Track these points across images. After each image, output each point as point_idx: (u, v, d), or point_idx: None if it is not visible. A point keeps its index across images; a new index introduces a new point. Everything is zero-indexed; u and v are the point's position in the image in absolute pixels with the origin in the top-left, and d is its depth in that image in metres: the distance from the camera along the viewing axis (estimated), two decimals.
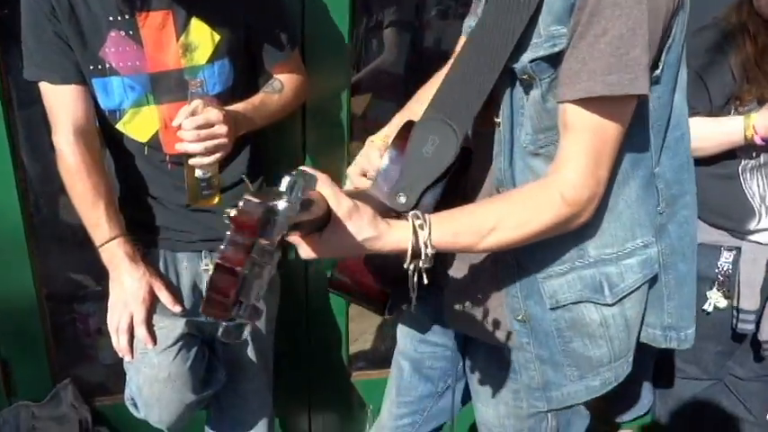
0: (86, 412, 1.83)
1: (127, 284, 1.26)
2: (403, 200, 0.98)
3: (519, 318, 1.05)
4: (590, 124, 0.86)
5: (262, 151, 1.51)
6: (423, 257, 0.85)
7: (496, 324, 1.08)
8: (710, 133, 1.57)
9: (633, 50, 0.82)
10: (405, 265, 0.86)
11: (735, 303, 1.66)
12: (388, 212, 0.96)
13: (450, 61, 1.14)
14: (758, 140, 1.49)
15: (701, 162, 1.61)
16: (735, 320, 1.68)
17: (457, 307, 1.11)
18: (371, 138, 1.20)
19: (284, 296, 1.66)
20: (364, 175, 1.13)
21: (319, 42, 1.65)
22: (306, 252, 0.84)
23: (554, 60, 0.88)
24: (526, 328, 1.06)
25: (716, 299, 1.67)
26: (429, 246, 0.85)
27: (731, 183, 1.60)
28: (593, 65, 0.83)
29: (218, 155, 1.22)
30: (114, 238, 1.26)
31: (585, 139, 0.87)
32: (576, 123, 0.87)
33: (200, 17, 1.28)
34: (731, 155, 1.57)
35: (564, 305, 1.02)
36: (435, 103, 1.00)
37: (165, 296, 1.29)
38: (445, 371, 1.30)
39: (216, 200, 1.31)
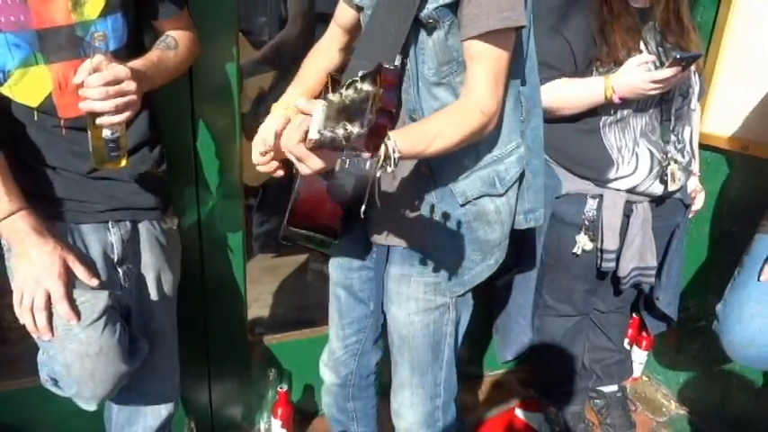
0: None
1: (36, 260, 1.18)
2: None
3: (436, 218, 1.27)
4: (490, 53, 1.13)
5: (156, 114, 1.47)
6: (392, 163, 1.01)
7: (413, 228, 1.30)
8: (576, 94, 1.73)
9: None
10: (376, 170, 1.02)
11: (599, 245, 1.85)
12: None
13: (333, 28, 1.42)
14: (616, 99, 1.68)
15: (566, 119, 1.80)
16: (599, 260, 1.87)
17: (384, 224, 1.33)
18: (274, 106, 1.34)
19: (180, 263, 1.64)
20: (264, 153, 1.27)
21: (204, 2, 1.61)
22: (317, 164, 0.99)
23: (452, 6, 1.13)
24: (440, 227, 1.28)
25: (583, 242, 1.85)
26: (397, 151, 1.01)
27: (593, 137, 1.77)
28: (488, 7, 1.09)
29: (128, 113, 1.17)
30: (16, 212, 1.17)
31: (488, 65, 1.13)
32: (479, 53, 1.13)
33: None
34: (593, 112, 1.74)
35: (470, 200, 1.28)
36: (360, 52, 1.17)
37: (80, 270, 1.23)
38: (372, 290, 1.52)
39: (123, 162, 1.24)
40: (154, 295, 1.50)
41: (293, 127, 0.98)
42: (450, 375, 1.48)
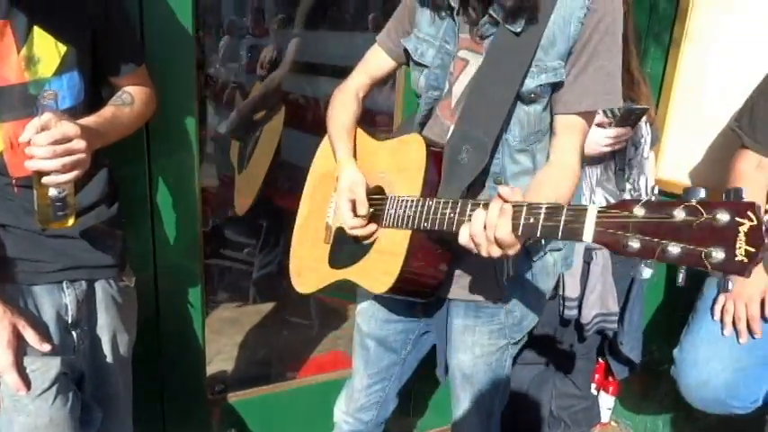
0: None
1: None
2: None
3: (510, 274, 1.31)
4: (584, 127, 1.23)
5: (113, 174, 1.44)
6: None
7: (489, 286, 1.34)
8: None
9: (615, 79, 1.20)
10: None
11: (561, 292, 1.88)
12: None
13: (361, 76, 1.48)
14: None
15: None
16: (562, 308, 1.90)
17: (461, 280, 1.35)
18: (342, 161, 1.40)
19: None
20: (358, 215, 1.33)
21: (162, 56, 1.60)
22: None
23: (555, 85, 1.20)
24: (514, 282, 1.33)
25: None
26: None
27: None
28: (594, 89, 1.19)
29: (76, 172, 1.14)
30: None
31: (580, 138, 1.23)
32: (575, 126, 1.22)
33: (42, 27, 1.19)
34: None
35: (540, 257, 1.36)
36: (463, 120, 1.22)
37: (31, 335, 1.17)
38: (407, 338, 1.55)
39: (71, 222, 1.21)
40: (109, 358, 1.44)
41: (501, 214, 1.00)
42: (505, 395, 1.58)
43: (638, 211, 0.83)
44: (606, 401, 2.46)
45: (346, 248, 1.42)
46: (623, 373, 2.19)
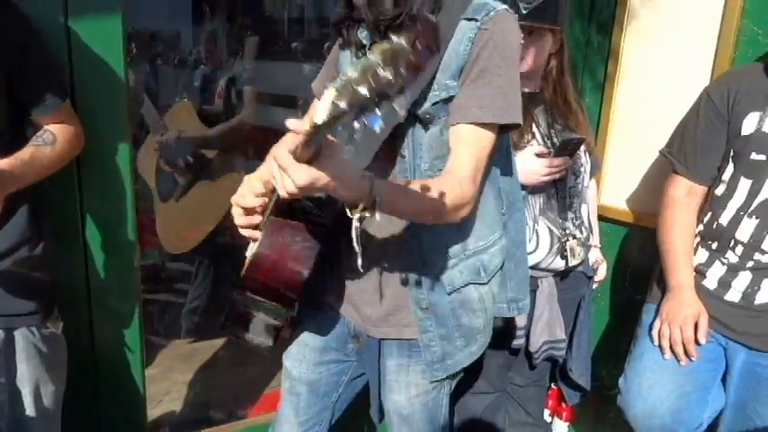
0: None
1: None
2: None
3: (423, 306, 1.31)
4: (476, 140, 1.18)
5: (40, 210, 1.38)
6: (374, 207, 1.02)
7: (406, 318, 1.33)
8: None
9: (509, 97, 1.17)
10: (355, 214, 1.02)
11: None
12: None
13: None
14: None
15: None
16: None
17: (377, 316, 1.34)
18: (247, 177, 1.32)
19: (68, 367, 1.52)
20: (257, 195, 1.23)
21: (92, 91, 1.55)
22: (302, 176, 0.92)
23: (447, 102, 1.20)
24: (429, 314, 1.31)
25: None
26: (380, 195, 1.02)
27: None
28: (482, 102, 1.16)
29: None
30: None
31: (472, 151, 1.17)
32: (465, 139, 1.18)
33: None
34: None
35: (457, 289, 1.31)
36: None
37: None
38: (339, 381, 1.51)
39: None
40: (30, 411, 1.36)
41: (288, 137, 0.96)
42: None
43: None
44: (560, 428, 2.44)
45: None
46: (575, 398, 2.18)
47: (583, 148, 1.81)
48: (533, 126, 1.80)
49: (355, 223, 1.05)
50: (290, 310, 1.26)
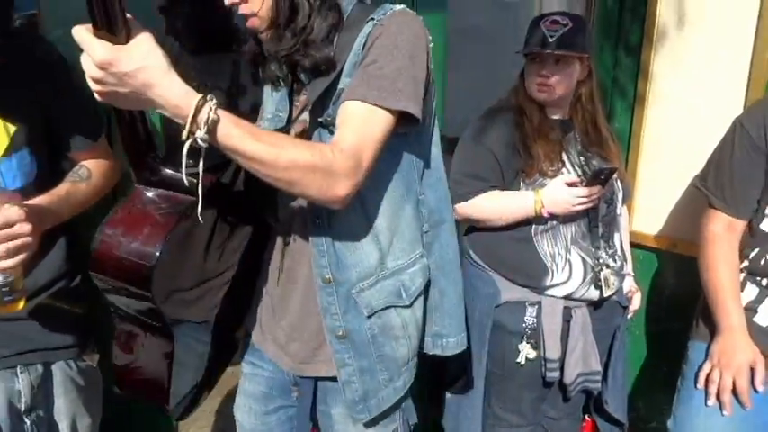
0: None
1: None
2: None
3: (339, 334, 1.20)
4: (361, 120, 1.08)
5: (76, 244, 1.40)
6: (201, 127, 0.88)
7: (324, 352, 1.22)
8: (506, 207, 1.77)
9: (398, 82, 1.09)
10: (184, 132, 0.88)
11: (542, 354, 1.82)
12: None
13: None
14: (545, 213, 1.72)
15: (501, 228, 1.82)
16: (543, 369, 1.84)
17: (297, 350, 1.25)
18: None
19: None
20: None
21: None
22: (100, 51, 0.81)
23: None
24: (346, 344, 1.21)
25: (526, 351, 1.82)
26: (213, 113, 0.88)
27: (527, 245, 1.80)
28: (370, 83, 1.09)
29: (21, 256, 1.12)
30: None
31: (356, 129, 1.08)
32: (350, 115, 1.09)
33: None
34: (525, 221, 1.77)
35: (376, 311, 1.21)
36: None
37: None
38: (291, 427, 1.40)
39: (20, 305, 1.18)
40: None
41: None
42: None
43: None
44: None
45: None
46: (610, 431, 2.12)
47: (615, 175, 1.79)
48: (562, 154, 1.79)
49: (184, 150, 0.90)
50: (147, 291, 1.00)
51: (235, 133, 0.92)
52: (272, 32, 1.12)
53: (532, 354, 1.82)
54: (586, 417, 2.21)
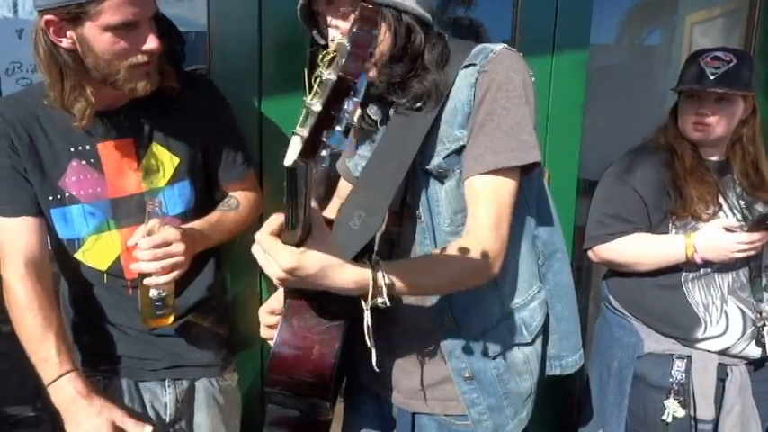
0: None
1: (85, 425, 1.17)
2: None
3: (466, 376, 1.21)
4: (493, 191, 1.09)
5: (222, 270, 1.50)
6: (382, 292, 0.95)
7: (449, 392, 1.22)
8: (654, 251, 1.65)
9: (522, 135, 1.09)
10: (367, 305, 0.95)
11: (692, 413, 1.66)
12: None
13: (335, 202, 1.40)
14: (698, 260, 1.59)
15: (646, 273, 1.70)
16: (694, 430, 1.68)
17: (411, 389, 1.24)
18: None
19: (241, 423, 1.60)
20: (272, 313, 1.17)
21: (276, 160, 1.69)
22: (286, 259, 0.87)
23: (460, 153, 1.13)
24: (473, 384, 1.21)
25: (673, 408, 1.68)
26: (386, 277, 0.95)
27: (675, 293, 1.66)
28: (494, 147, 1.09)
29: (174, 273, 1.21)
30: (65, 374, 1.19)
31: (491, 204, 1.09)
32: (481, 192, 1.09)
33: (160, 143, 1.31)
34: (674, 267, 1.65)
35: (500, 353, 1.22)
36: (356, 191, 1.16)
37: (131, 425, 1.20)
38: None
39: (170, 320, 1.29)
40: None
41: (272, 218, 0.90)
42: None
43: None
44: None
45: None
46: None
47: None
48: (720, 197, 1.65)
49: (367, 317, 0.97)
50: (326, 400, 1.09)
51: (406, 284, 1.00)
52: (384, 63, 1.12)
53: (681, 412, 1.67)
54: None
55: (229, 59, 1.68)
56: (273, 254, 0.87)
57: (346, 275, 0.93)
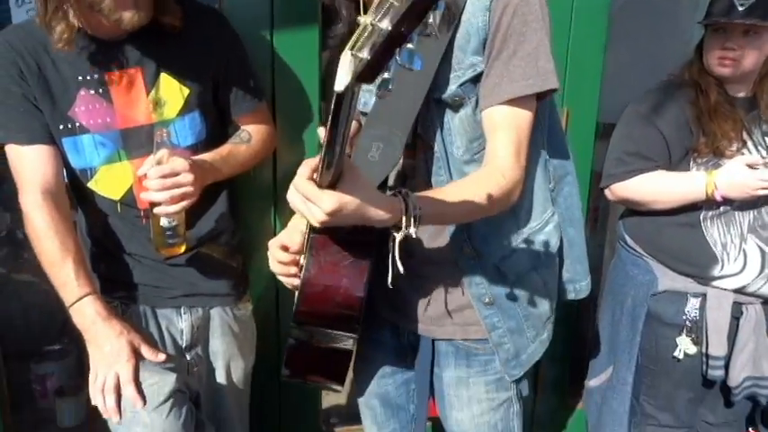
0: None
1: (105, 346, 1.21)
2: None
3: (486, 301, 1.22)
4: (511, 120, 1.09)
5: (236, 201, 1.51)
6: (414, 222, 0.96)
7: (471, 317, 1.24)
8: (673, 188, 1.62)
9: (540, 61, 1.07)
10: (398, 236, 0.97)
11: (704, 350, 1.67)
12: None
13: None
14: (718, 197, 1.55)
15: (664, 212, 1.67)
16: (705, 367, 1.69)
17: (431, 313, 1.26)
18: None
19: (255, 350, 1.63)
20: (285, 249, 1.17)
21: (289, 94, 1.67)
22: (328, 203, 0.87)
23: (476, 81, 1.10)
24: (493, 309, 1.23)
25: (685, 345, 1.69)
26: (417, 208, 0.96)
27: (693, 231, 1.64)
28: (510, 75, 1.07)
29: (184, 203, 1.21)
30: (84, 297, 1.21)
31: (510, 133, 1.08)
32: (501, 122, 1.09)
33: (168, 73, 1.30)
34: (693, 205, 1.62)
35: (519, 277, 1.23)
36: (371, 123, 1.14)
37: (146, 350, 1.24)
38: (410, 392, 1.43)
39: (182, 249, 1.31)
40: (222, 383, 1.50)
41: (305, 164, 0.91)
42: None
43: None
44: None
45: None
46: None
47: None
48: (744, 133, 1.60)
49: (397, 246, 0.98)
50: (353, 332, 1.13)
51: (434, 213, 1.01)
52: None
53: (692, 349, 1.68)
54: (750, 429, 2.01)
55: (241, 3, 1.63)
56: (315, 199, 0.87)
57: (382, 209, 0.93)
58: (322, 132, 0.80)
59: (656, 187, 1.65)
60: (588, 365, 2.02)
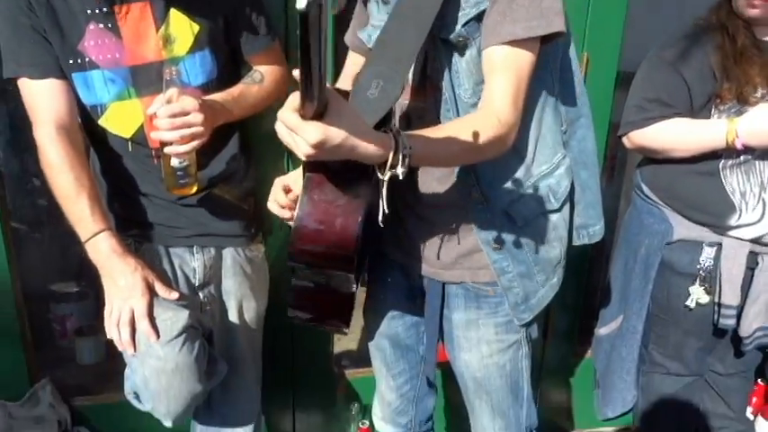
0: (65, 412, 1.80)
1: (120, 281, 1.23)
2: None
3: (495, 246, 1.23)
4: (510, 62, 1.06)
5: (248, 143, 1.50)
6: (403, 161, 0.93)
7: (480, 261, 1.25)
8: (692, 136, 1.58)
9: (544, 2, 1.04)
10: (384, 172, 0.93)
11: (716, 299, 1.66)
12: None
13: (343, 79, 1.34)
14: (738, 145, 1.51)
15: (682, 160, 1.64)
16: (716, 316, 1.68)
17: (442, 257, 1.27)
18: None
19: (269, 294, 1.65)
20: (287, 191, 1.18)
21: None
22: (313, 134, 0.84)
23: (480, 19, 1.08)
24: (503, 253, 1.23)
25: (698, 294, 1.67)
26: (407, 147, 0.93)
27: (712, 179, 1.61)
28: (513, 15, 1.03)
29: (194, 143, 1.21)
30: (99, 233, 1.23)
31: (509, 75, 1.06)
32: (500, 63, 1.06)
33: (178, 8, 1.27)
34: (712, 153, 1.58)
35: (528, 222, 1.23)
36: (372, 60, 1.11)
37: (160, 287, 1.26)
38: (418, 332, 1.46)
39: (194, 189, 1.31)
40: (235, 322, 1.52)
41: (293, 95, 0.86)
42: (531, 411, 1.45)
43: None
44: (764, 428, 2.17)
45: None
46: None
47: None
48: None
49: (384, 184, 0.95)
50: (349, 272, 1.10)
51: (424, 153, 0.98)
52: None
53: (705, 298, 1.67)
54: (759, 381, 2.02)
55: None
56: (298, 130, 0.85)
57: (371, 143, 0.91)
58: (296, 73, 0.77)
59: (675, 135, 1.61)
60: (599, 314, 2.03)
